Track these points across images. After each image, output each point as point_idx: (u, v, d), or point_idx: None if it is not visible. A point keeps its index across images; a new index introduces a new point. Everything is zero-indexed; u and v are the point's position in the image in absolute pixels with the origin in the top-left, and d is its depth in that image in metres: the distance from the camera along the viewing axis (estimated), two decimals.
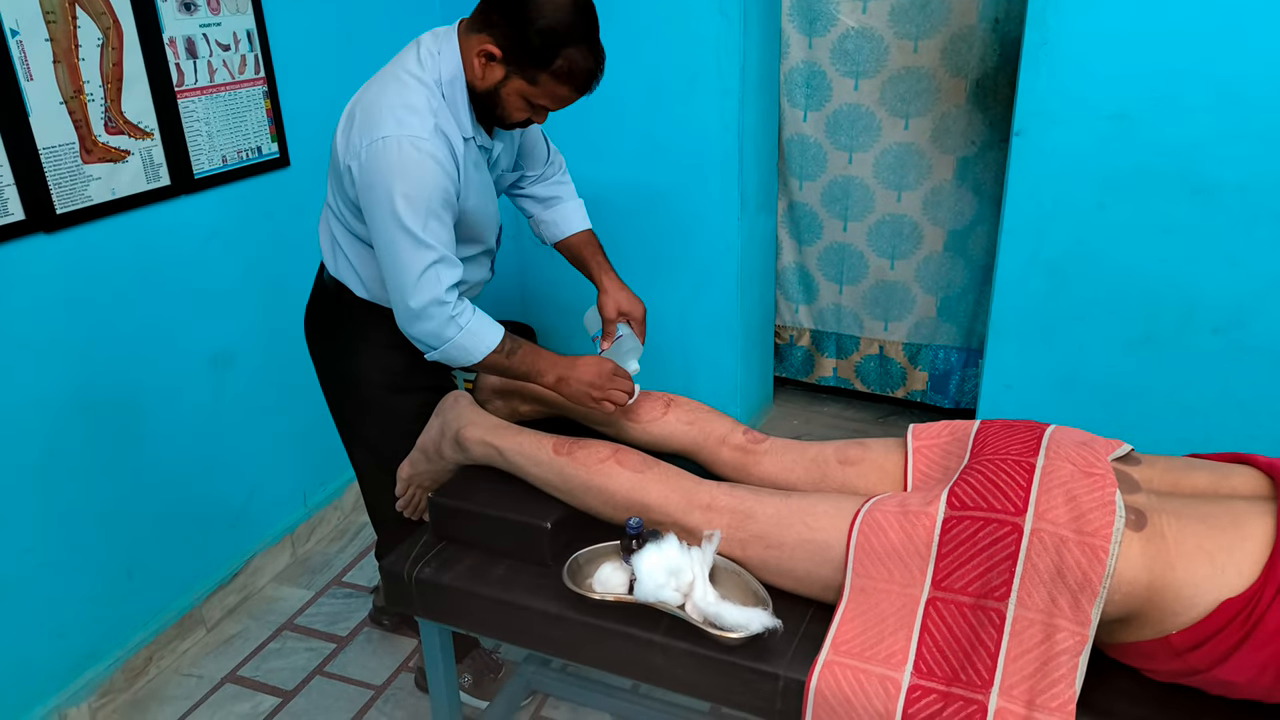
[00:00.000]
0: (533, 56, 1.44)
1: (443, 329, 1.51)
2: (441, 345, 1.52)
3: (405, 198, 1.43)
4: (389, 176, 1.43)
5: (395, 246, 1.46)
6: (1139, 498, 1.18)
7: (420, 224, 1.44)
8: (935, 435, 1.43)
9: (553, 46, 1.42)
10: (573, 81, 1.47)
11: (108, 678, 2.00)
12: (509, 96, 1.50)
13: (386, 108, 1.45)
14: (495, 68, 1.47)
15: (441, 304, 1.49)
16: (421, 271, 1.46)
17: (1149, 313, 2.20)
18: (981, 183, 2.75)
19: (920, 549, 1.21)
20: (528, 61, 1.45)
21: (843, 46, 2.76)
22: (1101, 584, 1.10)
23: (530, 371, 1.59)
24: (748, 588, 1.32)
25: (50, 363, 1.82)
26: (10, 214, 1.69)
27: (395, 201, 1.43)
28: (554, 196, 1.85)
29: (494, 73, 1.48)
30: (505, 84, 1.48)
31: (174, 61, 1.96)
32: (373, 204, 1.46)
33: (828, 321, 3.16)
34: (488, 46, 1.45)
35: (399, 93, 1.47)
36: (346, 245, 1.64)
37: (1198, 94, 2.02)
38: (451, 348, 1.53)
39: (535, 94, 1.49)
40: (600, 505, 1.45)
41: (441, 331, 1.51)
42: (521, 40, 1.43)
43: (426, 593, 1.46)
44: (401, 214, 1.43)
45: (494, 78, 1.48)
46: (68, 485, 1.89)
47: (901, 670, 1.16)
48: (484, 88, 1.50)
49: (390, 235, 1.45)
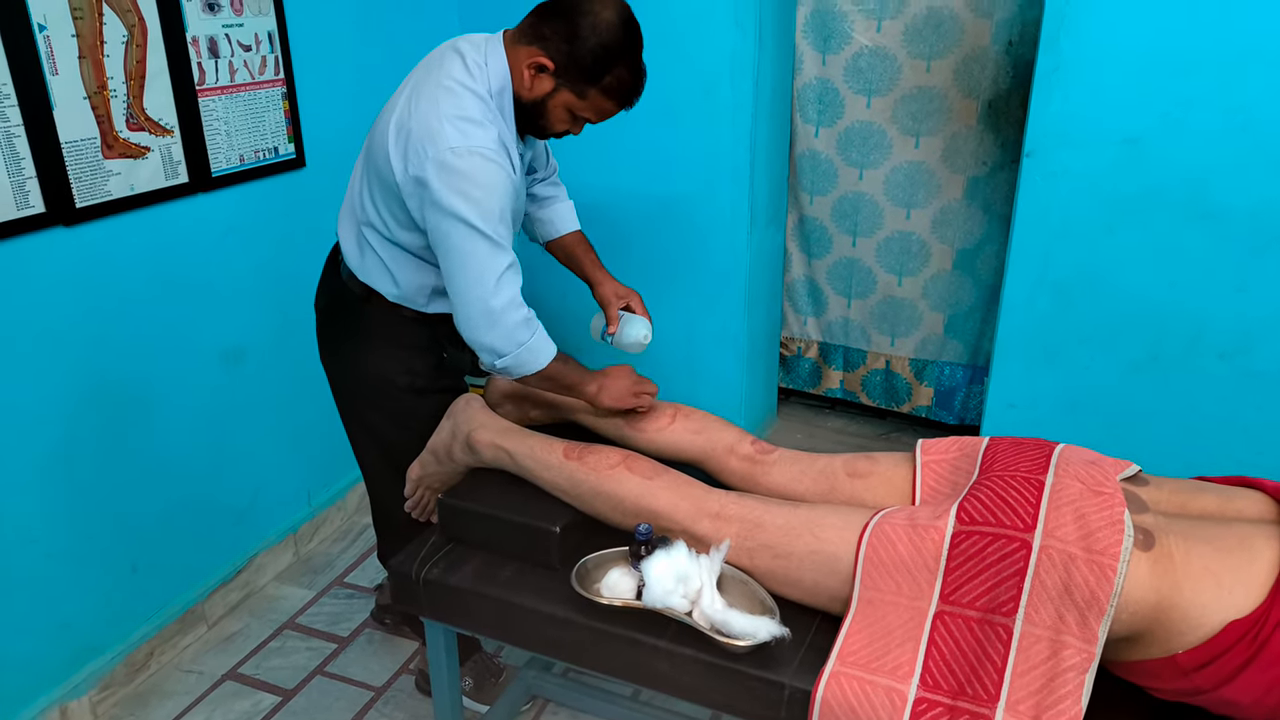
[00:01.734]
0: (584, 72, 1.47)
1: (520, 330, 1.52)
2: (514, 350, 1.52)
3: (479, 206, 1.45)
4: (461, 187, 1.44)
5: (472, 254, 1.46)
6: (1147, 518, 1.19)
7: (494, 229, 1.46)
8: (944, 450, 1.44)
9: (604, 63, 1.46)
10: (618, 97, 1.52)
11: (109, 671, 2.00)
12: (555, 109, 1.53)
13: (445, 119, 1.46)
14: (545, 80, 1.50)
15: (518, 306, 1.51)
16: (499, 275, 1.48)
17: (1155, 336, 2.21)
18: (991, 203, 2.77)
19: (929, 562, 1.22)
20: (579, 76, 1.48)
21: (856, 64, 2.78)
22: (1109, 602, 1.11)
23: (578, 381, 1.62)
24: (755, 596, 1.33)
25: (64, 355, 1.83)
26: (31, 206, 1.70)
27: (468, 210, 1.44)
28: (550, 196, 1.90)
29: (543, 85, 1.51)
30: (553, 96, 1.52)
31: (196, 60, 1.98)
32: (447, 212, 1.45)
33: (835, 334, 3.17)
34: (539, 59, 1.48)
35: (454, 104, 1.47)
36: (383, 251, 1.64)
37: (1208, 120, 2.03)
38: (524, 352, 1.53)
39: (581, 107, 1.52)
40: (609, 511, 1.46)
41: (518, 333, 1.52)
42: (574, 55, 1.46)
43: (434, 593, 1.47)
44: (476, 221, 1.44)
45: (542, 89, 1.51)
46: (77, 477, 1.89)
47: (908, 683, 1.17)
48: (530, 99, 1.53)
49: (466, 244, 1.46)
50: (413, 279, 1.65)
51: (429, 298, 1.68)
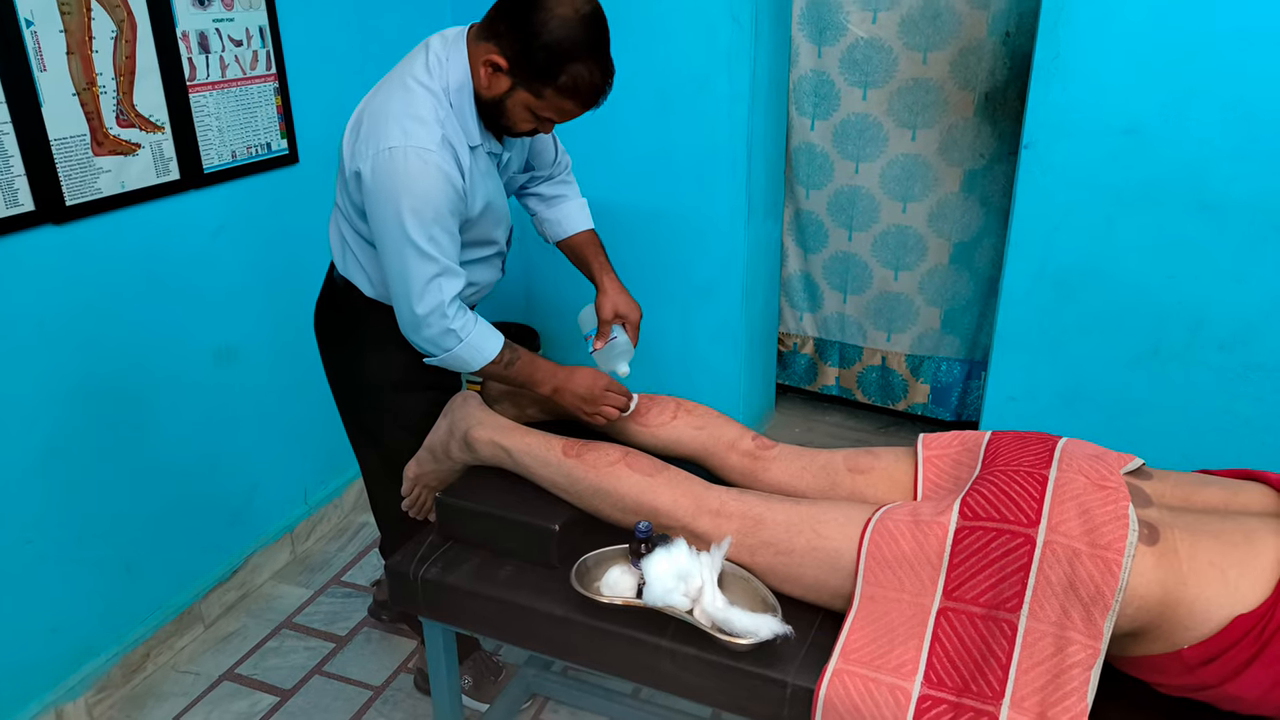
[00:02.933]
0: (538, 70, 1.42)
1: (443, 339, 1.52)
2: (441, 354, 1.55)
3: (412, 210, 1.43)
4: (395, 188, 1.43)
5: (400, 257, 1.46)
6: (1151, 512, 1.18)
7: (425, 236, 1.44)
8: (946, 445, 1.43)
9: (558, 61, 1.40)
10: (577, 97, 1.45)
11: (105, 673, 1.98)
12: (514, 108, 1.49)
13: (393, 117, 1.44)
14: (501, 79, 1.46)
15: (442, 315, 1.50)
16: (425, 283, 1.47)
17: (1155, 328, 2.21)
18: (988, 195, 2.75)
19: (932, 558, 1.21)
20: (533, 75, 1.43)
21: (852, 56, 2.77)
22: (1114, 597, 1.10)
23: (528, 381, 1.61)
24: (756, 594, 1.32)
25: (55, 355, 1.81)
26: (20, 204, 1.68)
27: (402, 213, 1.43)
28: (559, 195, 1.86)
29: (500, 83, 1.47)
30: (511, 95, 1.47)
31: (186, 56, 1.95)
32: (379, 213, 1.46)
33: (831, 330, 3.16)
34: (493, 57, 1.44)
35: (405, 102, 1.45)
36: (355, 245, 1.64)
37: (1208, 111, 2.02)
38: (450, 357, 1.55)
39: (540, 107, 1.47)
40: (608, 508, 1.45)
41: (441, 341, 1.53)
42: (527, 53, 1.41)
43: (432, 592, 1.46)
44: (407, 226, 1.43)
45: (500, 88, 1.47)
46: (71, 477, 1.87)
47: (912, 680, 1.16)
48: (490, 97, 1.49)
49: (395, 245, 1.46)
50: (382, 274, 1.63)
51: None
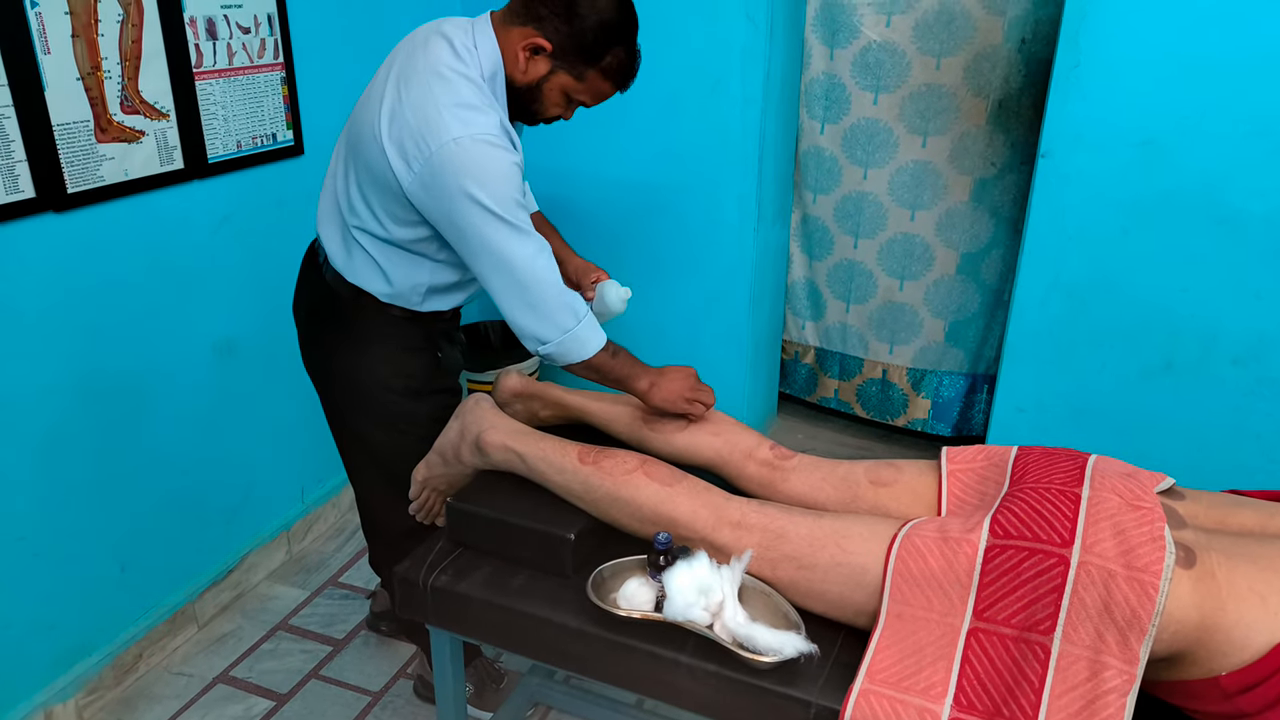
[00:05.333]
0: (583, 52, 1.42)
1: (561, 316, 1.47)
2: (559, 337, 1.48)
3: (492, 194, 1.39)
4: (469, 178, 1.38)
5: (500, 241, 1.41)
6: (1187, 534, 1.16)
7: (513, 214, 1.41)
8: (970, 460, 1.40)
9: (604, 43, 1.42)
10: (616, 78, 1.47)
11: (96, 674, 1.93)
12: (550, 92, 1.48)
13: (444, 108, 1.39)
14: (541, 62, 1.44)
15: (559, 290, 1.46)
16: (531, 257, 1.43)
17: (1168, 341, 2.19)
18: (999, 205, 2.73)
19: (961, 577, 1.18)
20: (577, 57, 1.43)
21: (864, 60, 2.74)
22: (1151, 622, 1.07)
23: (629, 375, 1.56)
24: (778, 610, 1.28)
25: (53, 346, 1.77)
26: (21, 191, 1.63)
27: (483, 200, 1.38)
28: None
29: (539, 67, 1.45)
30: (549, 79, 1.46)
31: (193, 42, 1.91)
32: (456, 209, 1.40)
33: (833, 340, 3.12)
34: (535, 40, 1.42)
35: (449, 91, 1.41)
36: (373, 248, 1.57)
37: (1227, 124, 2.01)
38: (569, 338, 1.48)
39: (578, 90, 1.47)
40: (625, 518, 1.41)
41: (561, 319, 1.47)
42: (573, 35, 1.41)
43: (441, 601, 1.42)
44: (495, 209, 1.39)
45: (538, 72, 1.45)
46: (67, 472, 1.83)
47: (941, 703, 1.13)
48: (525, 82, 1.47)
49: (490, 232, 1.41)
50: (406, 277, 1.58)
51: (424, 296, 1.61)
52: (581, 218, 2.79)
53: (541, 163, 2.75)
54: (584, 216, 2.78)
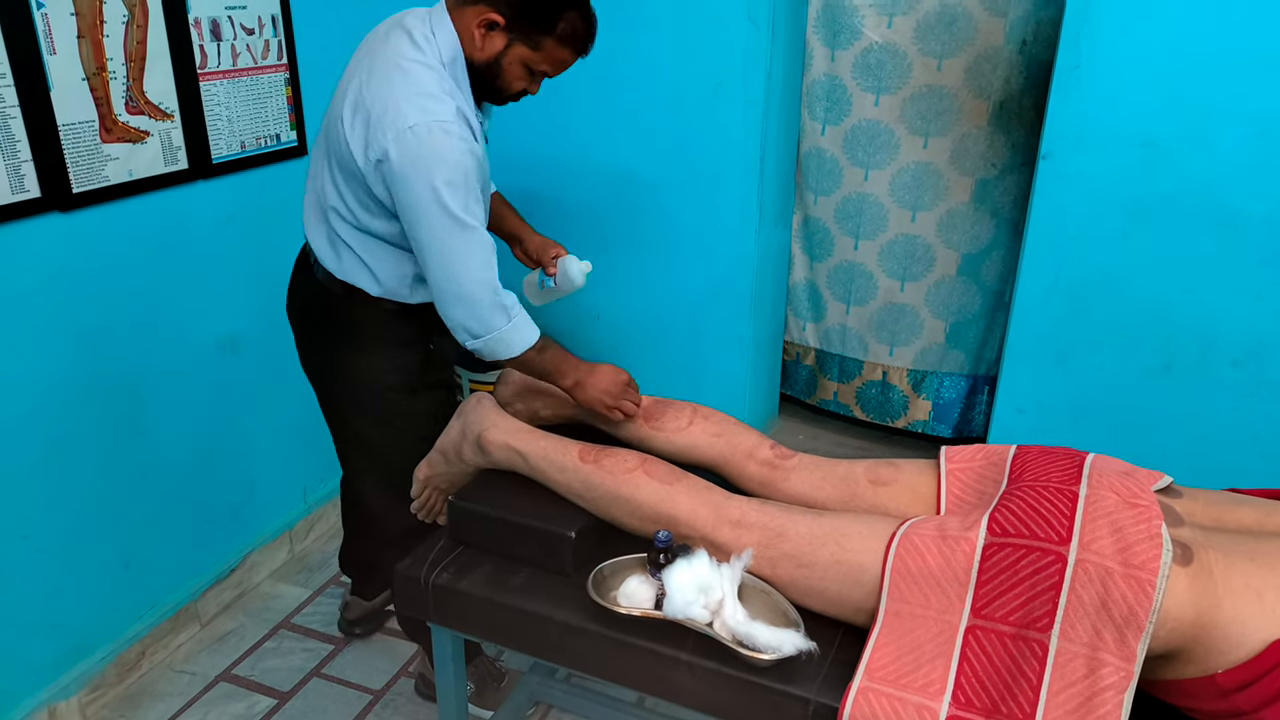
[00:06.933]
0: (536, 21, 1.45)
1: (492, 316, 1.49)
2: (487, 335, 1.50)
3: (446, 183, 1.41)
4: (425, 165, 1.41)
5: (442, 233, 1.44)
6: (1184, 531, 1.16)
7: (463, 208, 1.43)
8: (969, 459, 1.41)
9: (555, 10, 1.44)
10: (574, 44, 1.49)
11: (99, 671, 1.94)
12: (510, 66, 1.50)
13: (403, 98, 1.43)
14: (496, 37, 1.47)
15: (494, 290, 1.48)
16: (471, 254, 1.45)
17: (1168, 343, 2.19)
18: (1000, 206, 2.73)
19: (959, 575, 1.19)
20: (531, 27, 1.45)
21: (865, 61, 2.74)
22: (1148, 619, 1.08)
23: (554, 370, 1.58)
24: (777, 608, 1.29)
25: (58, 344, 1.78)
26: (26, 190, 1.64)
27: (437, 189, 1.41)
28: None
29: (495, 43, 1.47)
30: (507, 53, 1.49)
31: (198, 43, 1.92)
32: (410, 194, 1.43)
33: (833, 342, 3.12)
34: (488, 15, 1.45)
35: (409, 82, 1.44)
36: (357, 244, 1.59)
37: (1228, 126, 2.01)
38: (495, 339, 1.51)
39: (537, 60, 1.49)
40: (626, 516, 1.42)
41: (491, 319, 1.49)
42: (523, 6, 1.43)
43: (443, 598, 1.42)
44: (445, 200, 1.42)
45: (494, 48, 1.48)
46: (72, 470, 1.84)
47: (939, 700, 1.13)
48: (484, 60, 1.49)
49: (435, 223, 1.43)
50: (392, 270, 1.61)
51: (411, 287, 1.64)
52: (583, 217, 2.79)
53: (542, 161, 2.76)
54: (585, 216, 2.79)
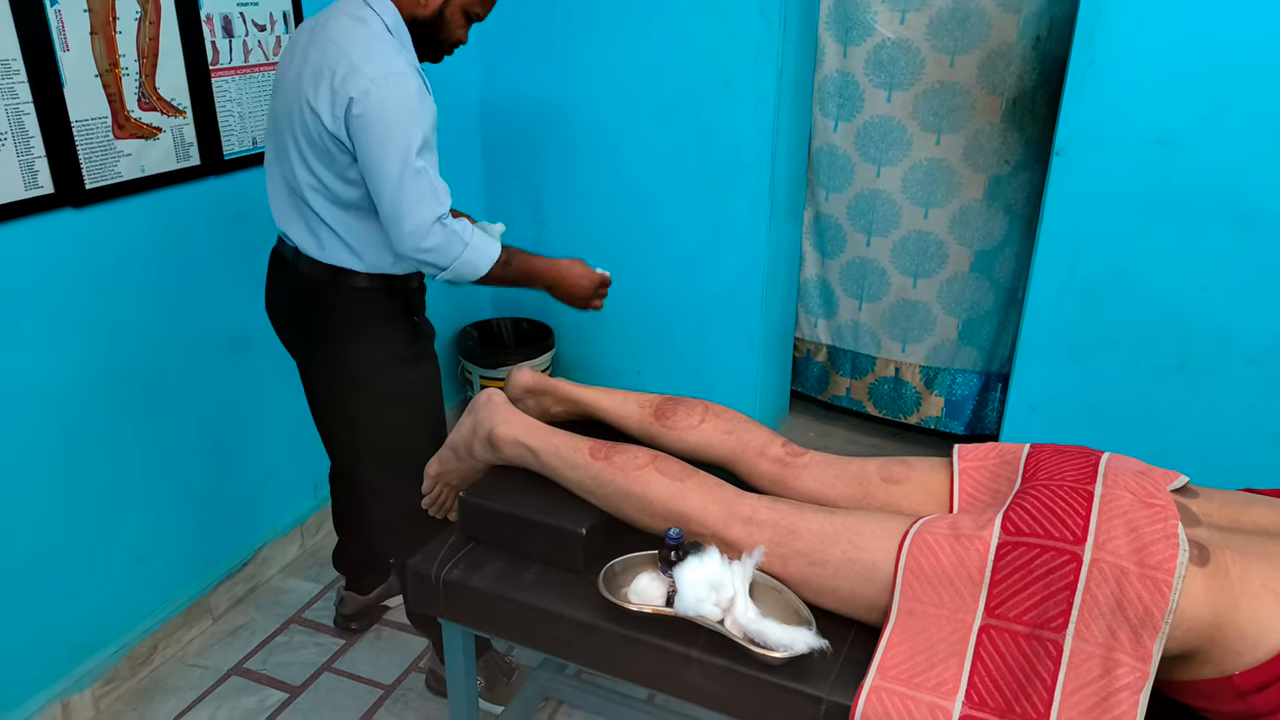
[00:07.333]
0: None
1: (449, 246, 1.57)
2: (450, 263, 1.59)
3: (402, 129, 1.50)
4: (386, 114, 1.50)
5: (398, 177, 1.51)
6: (1200, 531, 1.15)
7: (416, 150, 1.51)
8: (982, 457, 1.40)
9: None
10: None
11: (112, 665, 1.95)
12: (453, 15, 1.61)
13: (362, 58, 1.50)
14: None
15: (445, 224, 1.56)
16: (424, 194, 1.53)
17: (1183, 340, 2.18)
18: (1013, 203, 2.72)
19: (973, 574, 1.18)
20: None
21: (878, 57, 2.73)
22: (1164, 619, 1.07)
23: (527, 276, 1.72)
24: (789, 605, 1.29)
25: (70, 340, 1.79)
26: (40, 186, 1.65)
27: (394, 133, 1.50)
28: None
29: None
30: (450, 2, 1.58)
31: (210, 39, 1.92)
32: (371, 142, 1.50)
33: (845, 339, 3.11)
34: None
35: (363, 44, 1.52)
36: (337, 222, 1.63)
37: (1243, 122, 1.99)
38: (460, 264, 1.60)
39: (473, 2, 1.59)
40: (637, 513, 1.42)
41: (449, 249, 1.57)
42: None
43: (454, 594, 1.42)
44: (405, 145, 1.50)
45: (436, 2, 1.57)
46: (85, 465, 1.85)
47: (953, 699, 1.13)
48: (428, 14, 1.59)
49: (392, 167, 1.51)
50: (372, 243, 1.64)
51: (395, 256, 1.67)
52: (595, 213, 2.79)
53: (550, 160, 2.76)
54: (598, 212, 2.79)
